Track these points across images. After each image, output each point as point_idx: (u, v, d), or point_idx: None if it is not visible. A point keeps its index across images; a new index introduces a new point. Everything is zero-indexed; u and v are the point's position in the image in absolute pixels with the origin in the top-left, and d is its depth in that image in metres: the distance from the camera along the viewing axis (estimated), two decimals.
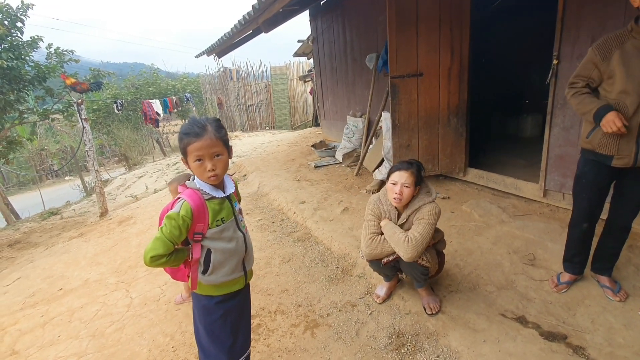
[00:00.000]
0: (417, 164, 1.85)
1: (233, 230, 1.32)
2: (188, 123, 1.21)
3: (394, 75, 3.43)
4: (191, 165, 1.21)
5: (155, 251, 1.17)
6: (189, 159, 1.19)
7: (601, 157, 1.76)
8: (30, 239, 4.72)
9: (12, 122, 6.66)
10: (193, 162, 1.19)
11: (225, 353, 1.37)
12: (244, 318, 1.48)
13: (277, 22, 5.32)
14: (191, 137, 1.17)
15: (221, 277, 1.31)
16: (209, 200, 1.24)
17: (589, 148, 1.80)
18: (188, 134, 1.17)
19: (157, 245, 1.18)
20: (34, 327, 2.37)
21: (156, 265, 1.20)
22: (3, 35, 5.62)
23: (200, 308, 1.36)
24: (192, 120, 1.21)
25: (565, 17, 2.58)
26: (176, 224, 1.17)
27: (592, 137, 1.76)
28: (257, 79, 13.28)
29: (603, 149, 1.72)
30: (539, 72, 3.76)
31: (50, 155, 15.67)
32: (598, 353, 1.60)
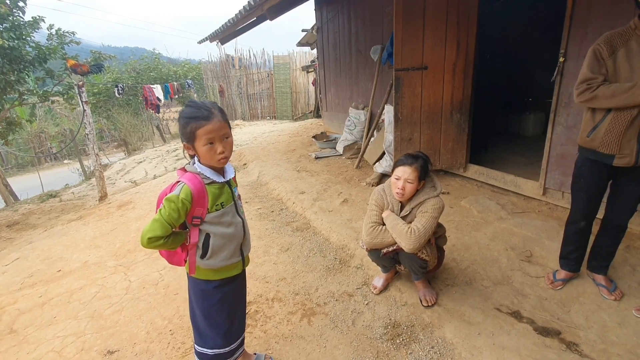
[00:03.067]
0: (422, 158, 1.82)
1: (232, 215, 1.32)
2: (192, 107, 1.19)
3: (398, 68, 3.40)
4: (200, 149, 1.19)
5: (153, 232, 1.17)
6: (198, 142, 1.17)
7: (601, 156, 1.75)
8: (29, 220, 4.73)
9: (12, 103, 6.60)
10: (203, 146, 1.18)
11: (222, 337, 1.39)
12: (240, 303, 1.50)
13: (283, 9, 5.25)
14: (201, 121, 1.15)
15: (220, 262, 1.32)
16: (209, 185, 1.23)
17: (589, 147, 1.79)
18: (197, 117, 1.16)
19: (155, 226, 1.17)
20: (32, 307, 2.39)
21: (153, 247, 1.20)
22: (4, 15, 5.53)
23: (198, 292, 1.37)
24: (195, 104, 1.19)
25: (574, 14, 2.56)
26: (175, 206, 1.17)
27: (594, 135, 1.74)
28: (259, 67, 13.17)
29: (605, 148, 1.71)
30: (543, 70, 3.75)
31: (50, 138, 15.60)
32: (591, 349, 1.63)
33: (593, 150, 1.78)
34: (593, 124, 1.74)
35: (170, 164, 7.01)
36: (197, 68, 16.61)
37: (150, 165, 7.50)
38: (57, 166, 14.58)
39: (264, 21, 6.13)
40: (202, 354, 1.41)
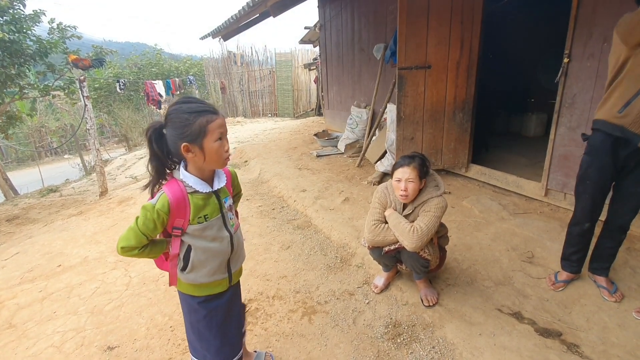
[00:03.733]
0: (419, 156, 1.83)
1: (217, 229, 1.19)
2: (194, 101, 1.08)
3: (401, 67, 3.39)
4: (210, 146, 1.07)
5: (127, 242, 1.08)
6: (209, 139, 1.06)
7: (630, 134, 1.67)
8: (29, 215, 4.72)
9: (12, 97, 6.58)
10: (214, 142, 1.07)
11: (214, 354, 1.29)
12: (232, 319, 1.36)
13: (286, 6, 5.23)
14: (210, 114, 1.06)
15: (200, 278, 1.20)
16: (191, 194, 1.11)
17: (618, 123, 1.70)
18: (205, 111, 1.06)
19: (130, 235, 1.08)
20: (32, 301, 2.39)
21: (128, 256, 1.11)
22: (5, 7, 5.50)
23: (185, 305, 1.29)
24: (194, 99, 1.09)
25: (578, 15, 2.54)
26: (150, 217, 1.06)
27: (627, 111, 1.66)
28: (261, 64, 13.13)
29: (636, 127, 1.65)
30: (547, 71, 3.74)
31: (50, 133, 15.57)
32: (592, 351, 1.63)
33: (622, 127, 1.69)
34: (627, 97, 1.65)
35: None
36: (198, 64, 16.56)
37: None
38: (57, 161, 14.57)
39: (267, 18, 6.10)
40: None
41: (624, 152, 1.73)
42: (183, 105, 1.07)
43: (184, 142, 1.05)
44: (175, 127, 1.06)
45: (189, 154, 1.07)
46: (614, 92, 1.72)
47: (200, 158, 1.08)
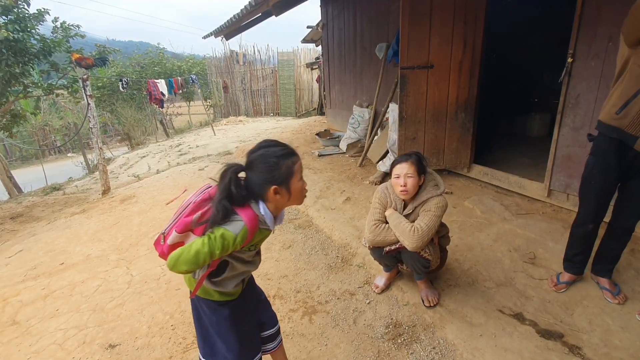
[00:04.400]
0: (415, 154, 1.84)
1: (255, 253, 1.26)
2: (276, 145, 1.13)
3: (404, 66, 3.38)
4: (296, 186, 1.12)
5: (193, 266, 1.05)
6: (295, 179, 1.12)
7: (626, 136, 1.66)
8: (32, 212, 4.75)
9: (17, 96, 6.61)
10: (298, 182, 1.13)
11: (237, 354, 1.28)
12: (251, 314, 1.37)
13: (288, 5, 5.23)
14: (293, 156, 1.12)
15: (225, 288, 1.23)
16: (260, 229, 1.14)
17: (616, 125, 1.69)
18: (289, 153, 1.12)
19: (197, 260, 1.04)
20: (35, 299, 2.40)
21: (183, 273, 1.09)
22: (10, 7, 5.53)
23: (204, 308, 1.28)
24: (274, 142, 1.13)
25: (583, 14, 2.52)
26: (227, 245, 1.05)
27: (625, 112, 1.64)
28: (263, 64, 13.15)
29: (633, 129, 1.63)
30: (550, 71, 3.72)
31: (54, 131, 15.66)
32: (594, 353, 1.62)
33: (619, 129, 1.68)
34: (625, 98, 1.64)
35: (173, 159, 7.01)
36: (201, 63, 16.60)
37: (154, 160, 7.51)
38: (60, 159, 14.66)
39: (269, 17, 6.10)
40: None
41: (630, 154, 1.72)
42: (268, 149, 1.11)
43: (273, 185, 1.08)
44: (263, 172, 1.09)
45: (276, 195, 1.10)
46: (615, 92, 1.70)
47: (285, 198, 1.12)
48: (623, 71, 1.66)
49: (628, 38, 1.58)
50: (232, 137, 8.01)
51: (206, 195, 1.12)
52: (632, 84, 1.61)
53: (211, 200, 1.10)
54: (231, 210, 1.08)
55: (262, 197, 1.11)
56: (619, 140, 1.71)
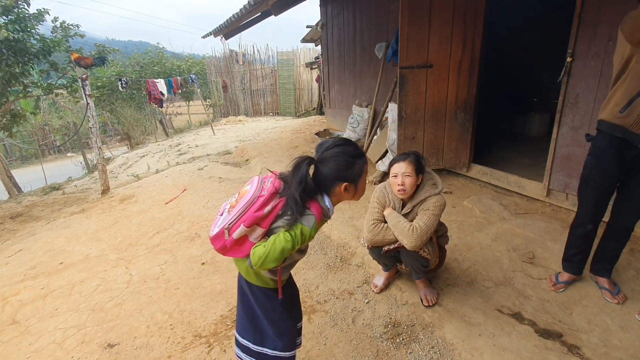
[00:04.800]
0: (413, 153, 1.84)
1: (307, 245, 1.29)
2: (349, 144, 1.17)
3: (403, 66, 3.38)
4: (362, 184, 1.18)
5: (279, 262, 1.08)
6: (363, 178, 1.18)
7: (631, 135, 1.66)
8: (32, 212, 4.75)
9: (17, 95, 6.61)
10: (364, 181, 1.19)
11: (290, 337, 1.33)
12: (297, 303, 1.45)
13: (288, 4, 5.23)
14: (364, 157, 1.18)
15: (283, 276, 1.27)
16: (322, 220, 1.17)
17: (620, 124, 1.68)
18: (361, 153, 1.18)
19: (283, 255, 1.07)
20: (34, 298, 2.40)
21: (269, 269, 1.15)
22: (10, 7, 5.53)
23: (258, 296, 1.30)
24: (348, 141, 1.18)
25: (583, 14, 2.52)
26: (305, 240, 1.09)
27: (629, 111, 1.63)
28: (263, 63, 13.15)
29: (638, 127, 1.63)
30: (550, 70, 3.72)
31: (53, 131, 15.66)
32: (593, 353, 1.62)
33: (623, 128, 1.67)
34: (629, 97, 1.63)
35: (172, 158, 7.01)
36: (200, 63, 16.59)
37: (153, 159, 7.50)
38: (60, 159, 14.65)
39: (268, 16, 6.10)
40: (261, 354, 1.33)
41: (631, 154, 1.71)
42: (345, 148, 1.14)
43: (345, 182, 1.14)
44: (337, 168, 1.13)
45: (345, 192, 1.15)
46: (617, 91, 1.69)
47: (350, 195, 1.17)
48: (625, 70, 1.65)
49: (634, 38, 1.57)
50: (231, 137, 8.01)
51: (272, 189, 1.13)
52: (636, 82, 1.61)
53: (278, 193, 1.13)
54: (305, 202, 1.11)
55: (328, 191, 1.15)
56: (620, 140, 1.71)
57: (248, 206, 1.12)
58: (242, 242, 1.14)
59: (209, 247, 2.85)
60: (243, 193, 1.18)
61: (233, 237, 1.12)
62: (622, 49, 1.65)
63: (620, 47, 1.66)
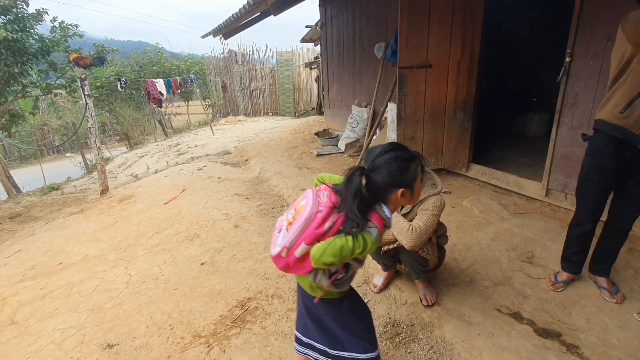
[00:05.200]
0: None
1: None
2: (401, 148, 1.15)
3: (402, 66, 3.38)
4: (418, 187, 1.16)
5: (337, 258, 1.04)
6: (418, 181, 1.16)
7: (631, 136, 1.66)
8: (31, 212, 4.74)
9: (15, 95, 6.60)
10: (419, 183, 1.17)
11: (372, 337, 1.32)
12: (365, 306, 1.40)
13: (287, 4, 5.22)
14: (417, 159, 1.16)
15: (342, 288, 1.24)
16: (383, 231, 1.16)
17: (620, 124, 1.67)
18: (414, 157, 1.15)
19: (342, 253, 1.03)
20: (33, 298, 2.40)
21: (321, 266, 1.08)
22: (8, 6, 5.52)
23: (326, 306, 1.28)
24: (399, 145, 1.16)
25: (582, 13, 2.53)
26: (365, 248, 1.05)
27: (629, 112, 1.62)
28: (262, 63, 13.14)
29: (637, 128, 1.62)
30: (549, 70, 3.72)
31: (52, 131, 15.64)
32: (591, 352, 1.62)
33: (623, 128, 1.67)
34: (629, 97, 1.62)
35: (171, 158, 7.01)
36: (200, 63, 16.57)
37: (152, 159, 7.50)
38: (59, 159, 14.64)
39: (267, 16, 6.10)
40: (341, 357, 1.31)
41: (628, 153, 1.71)
42: (396, 153, 1.12)
43: (400, 188, 1.10)
44: (391, 175, 1.09)
45: (401, 198, 1.12)
46: (617, 91, 1.68)
47: (407, 199, 1.14)
48: (625, 70, 1.64)
49: (636, 38, 1.55)
50: (230, 137, 8.00)
51: (330, 204, 1.10)
52: (637, 83, 1.60)
53: (336, 208, 1.09)
54: (367, 216, 1.07)
55: (384, 199, 1.11)
56: (618, 139, 1.71)
57: (307, 223, 1.09)
58: (304, 259, 1.12)
59: (208, 247, 2.85)
60: (299, 209, 1.14)
61: (295, 256, 1.10)
62: (622, 49, 1.64)
63: (620, 46, 1.65)
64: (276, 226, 1.22)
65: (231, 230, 3.12)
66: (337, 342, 1.31)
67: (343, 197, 1.09)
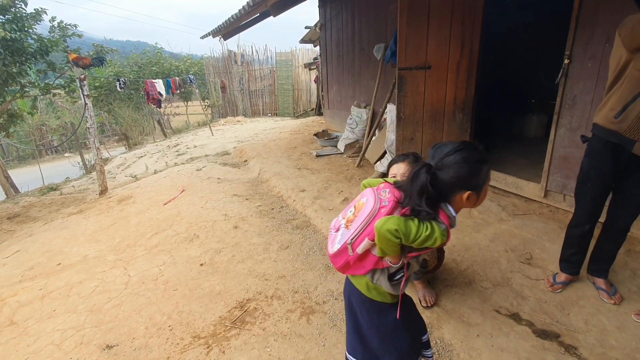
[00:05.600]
0: (412, 154, 1.85)
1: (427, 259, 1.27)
2: (476, 148, 1.08)
3: (402, 67, 3.39)
4: (485, 191, 1.09)
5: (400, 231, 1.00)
6: (487, 184, 1.09)
7: (625, 140, 1.67)
8: (29, 213, 4.73)
9: (14, 95, 6.59)
10: (487, 187, 1.10)
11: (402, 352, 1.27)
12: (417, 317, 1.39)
13: (286, 5, 5.23)
14: (487, 160, 1.08)
15: (398, 291, 1.20)
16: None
17: (614, 129, 1.68)
18: (487, 158, 1.08)
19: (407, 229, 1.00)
20: (32, 299, 2.40)
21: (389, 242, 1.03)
22: (7, 6, 5.52)
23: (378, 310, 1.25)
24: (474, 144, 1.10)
25: (580, 15, 2.54)
26: (430, 238, 1.01)
27: (623, 116, 1.63)
28: (261, 64, 13.14)
29: (632, 133, 1.63)
30: (547, 71, 3.74)
31: (51, 131, 15.60)
32: (590, 353, 1.63)
33: (617, 133, 1.68)
34: (624, 102, 1.63)
35: (170, 159, 7.00)
36: (199, 63, 16.57)
37: (151, 160, 7.49)
38: (57, 159, 14.60)
39: (267, 17, 6.10)
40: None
41: (625, 156, 1.72)
42: (469, 153, 1.04)
43: (469, 190, 1.04)
44: (461, 176, 1.03)
45: (467, 200, 1.05)
46: (613, 96, 1.69)
47: (472, 202, 1.08)
48: (621, 75, 1.65)
49: (630, 44, 1.56)
50: (230, 138, 8.00)
51: (394, 199, 1.08)
52: (632, 88, 1.60)
53: (400, 203, 1.07)
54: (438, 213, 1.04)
55: (448, 199, 1.07)
56: (614, 143, 1.72)
57: (370, 219, 1.07)
58: (365, 257, 1.10)
59: (207, 248, 2.85)
60: (360, 206, 1.12)
61: (357, 252, 1.08)
62: (618, 53, 1.65)
63: (617, 50, 1.66)
64: (333, 225, 1.20)
65: (230, 231, 3.12)
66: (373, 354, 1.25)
67: (407, 193, 1.05)
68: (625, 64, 1.61)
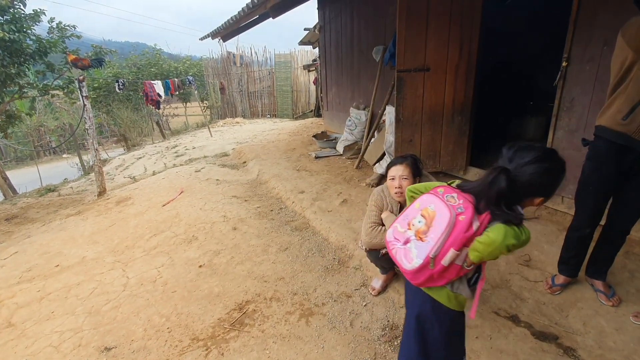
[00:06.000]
0: (411, 156, 1.86)
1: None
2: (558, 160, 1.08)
3: (400, 69, 3.40)
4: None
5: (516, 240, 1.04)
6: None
7: (634, 142, 1.66)
8: (27, 214, 4.71)
9: (12, 96, 6.58)
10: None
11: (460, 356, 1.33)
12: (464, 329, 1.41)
13: (286, 7, 5.24)
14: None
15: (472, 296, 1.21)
16: None
17: (622, 130, 1.68)
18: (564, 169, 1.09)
19: (518, 236, 1.03)
20: (30, 301, 2.39)
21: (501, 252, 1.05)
22: (5, 7, 5.51)
23: (448, 316, 1.25)
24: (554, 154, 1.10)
25: (578, 17, 2.55)
26: (522, 244, 1.05)
27: (631, 118, 1.63)
28: (260, 65, 13.14)
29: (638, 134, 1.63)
30: (545, 74, 3.76)
31: (49, 132, 15.56)
32: (588, 355, 1.63)
33: (625, 135, 1.67)
34: (631, 104, 1.62)
35: (169, 160, 6.99)
36: (198, 64, 16.57)
37: (150, 161, 7.47)
38: (56, 160, 14.56)
39: (266, 19, 6.11)
40: None
41: (628, 158, 1.72)
42: (549, 165, 1.05)
43: (542, 197, 1.08)
44: (539, 186, 1.05)
45: (537, 203, 1.09)
46: (618, 98, 1.68)
47: (537, 204, 1.11)
48: (626, 76, 1.64)
49: (638, 45, 1.55)
50: (229, 139, 8.00)
51: (468, 204, 1.07)
52: (638, 89, 1.60)
53: (476, 209, 1.06)
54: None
55: (520, 202, 1.08)
56: (619, 145, 1.71)
57: (451, 228, 1.05)
58: (449, 267, 1.09)
59: (206, 250, 2.84)
60: (431, 215, 1.09)
61: (443, 265, 1.07)
62: (622, 55, 1.63)
63: (621, 52, 1.64)
64: (395, 238, 1.16)
65: (229, 232, 3.11)
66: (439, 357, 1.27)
67: (481, 197, 1.06)
68: (630, 65, 1.60)
